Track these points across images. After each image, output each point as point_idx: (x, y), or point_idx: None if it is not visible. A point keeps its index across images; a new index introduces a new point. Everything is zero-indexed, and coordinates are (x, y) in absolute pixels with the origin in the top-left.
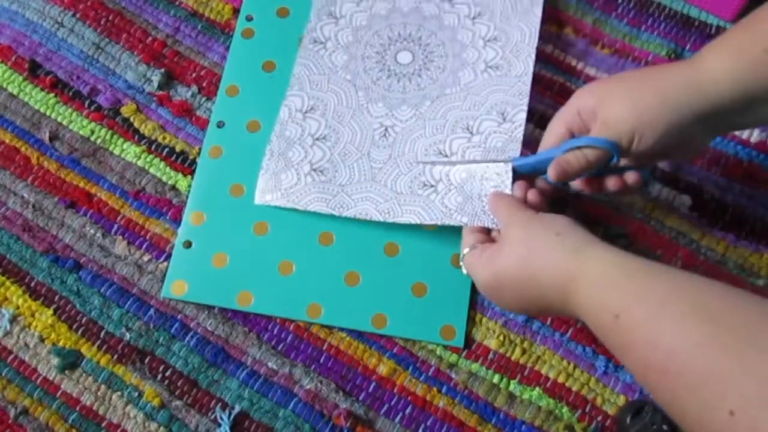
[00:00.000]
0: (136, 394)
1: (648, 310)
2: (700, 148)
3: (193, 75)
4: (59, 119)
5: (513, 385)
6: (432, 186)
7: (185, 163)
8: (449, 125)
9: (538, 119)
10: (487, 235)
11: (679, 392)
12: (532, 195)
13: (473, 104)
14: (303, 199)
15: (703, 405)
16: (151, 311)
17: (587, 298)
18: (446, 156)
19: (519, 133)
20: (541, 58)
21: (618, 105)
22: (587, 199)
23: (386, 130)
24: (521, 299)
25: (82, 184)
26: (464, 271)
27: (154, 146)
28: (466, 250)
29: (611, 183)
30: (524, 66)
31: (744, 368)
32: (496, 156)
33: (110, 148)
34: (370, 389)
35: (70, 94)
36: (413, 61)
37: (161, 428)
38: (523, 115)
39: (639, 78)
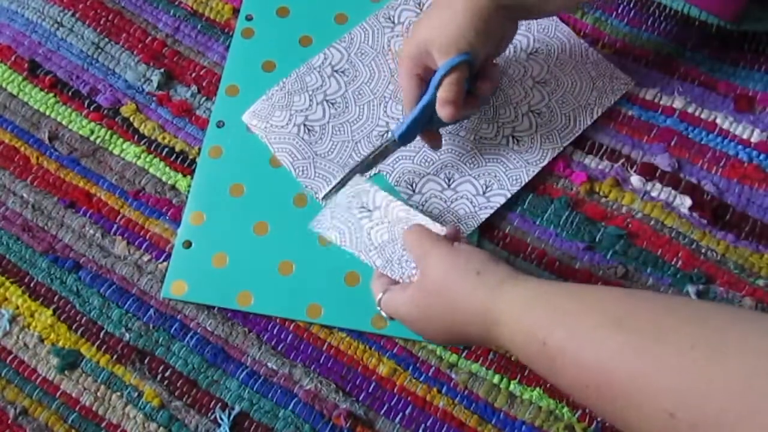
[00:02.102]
0: (136, 394)
1: (566, 330)
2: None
3: (193, 75)
4: (59, 119)
5: (513, 386)
6: (368, 211)
7: (185, 163)
8: (437, 165)
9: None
10: (394, 282)
11: (618, 405)
12: (449, 229)
13: (471, 160)
14: (278, 144)
15: (641, 411)
16: (151, 311)
17: (511, 330)
18: (412, 191)
19: (484, 215)
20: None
21: (437, 30)
22: (587, 202)
23: (387, 132)
24: (444, 330)
25: (81, 184)
26: (384, 313)
27: (153, 146)
28: (380, 295)
29: (483, 89)
30: (542, 153)
31: (662, 368)
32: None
33: (110, 148)
34: (370, 389)
35: (70, 93)
36: None
37: (161, 429)
38: (501, 200)
39: (445, 6)
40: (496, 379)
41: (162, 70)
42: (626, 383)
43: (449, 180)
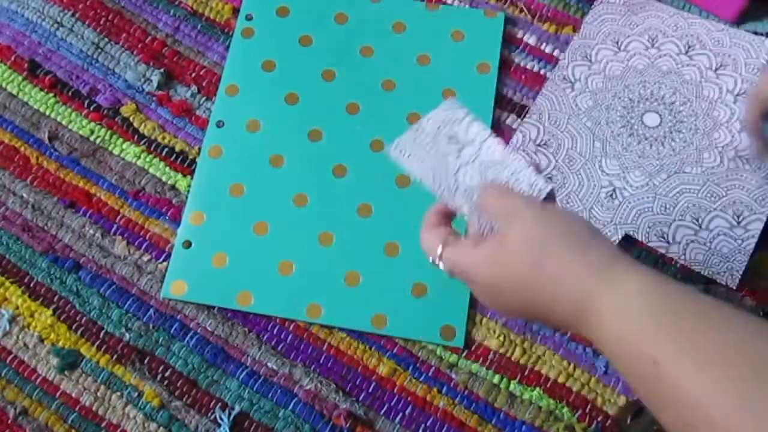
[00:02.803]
0: (136, 394)
1: (693, 364)
2: None
3: (193, 75)
4: (59, 119)
5: (513, 386)
6: (458, 144)
7: (185, 163)
8: (679, 209)
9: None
10: (451, 229)
11: None
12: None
13: (710, 194)
14: None
15: None
16: (151, 311)
17: (614, 332)
18: (667, 242)
19: (749, 245)
20: (540, 58)
21: None
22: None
23: (614, 191)
24: (526, 306)
25: (81, 184)
26: (443, 267)
27: (153, 146)
28: (440, 248)
29: None
30: None
31: None
32: None
33: (110, 148)
34: (370, 389)
35: (70, 93)
36: (660, 125)
37: (161, 429)
38: (760, 226)
39: None
40: (496, 379)
41: (162, 70)
42: None
43: (698, 221)
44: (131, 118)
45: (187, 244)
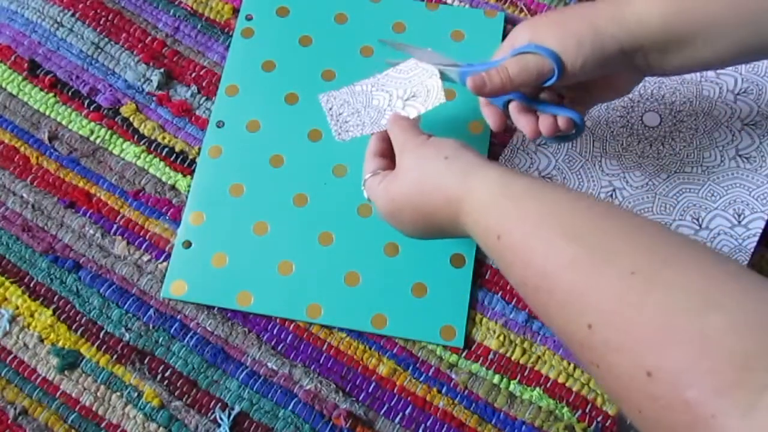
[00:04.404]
0: (136, 394)
1: (524, 231)
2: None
3: (193, 75)
4: (59, 119)
5: (513, 386)
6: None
7: (185, 163)
8: (679, 209)
9: None
10: (389, 161)
11: (551, 308)
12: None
13: (710, 193)
14: None
15: (568, 319)
16: (151, 311)
17: (473, 219)
18: None
19: (750, 244)
20: None
21: (548, 29)
22: None
23: (614, 191)
24: (417, 222)
25: (81, 184)
26: (366, 195)
27: (153, 146)
28: (368, 175)
29: (544, 126)
30: None
31: (599, 286)
32: None
33: (110, 148)
34: (370, 389)
35: (70, 93)
36: (659, 125)
37: (161, 429)
38: (761, 224)
39: (569, 10)
40: (496, 379)
41: (162, 70)
42: (563, 294)
43: (698, 220)
44: (131, 118)
45: (187, 244)
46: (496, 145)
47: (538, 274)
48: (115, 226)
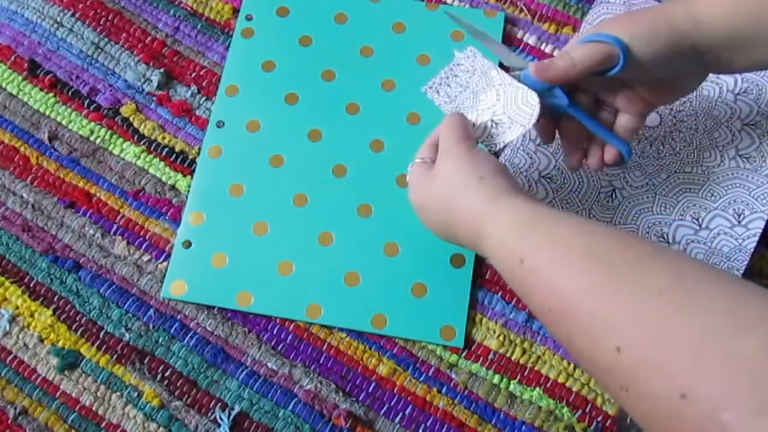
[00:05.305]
0: (136, 394)
1: (547, 255)
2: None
3: (193, 75)
4: (58, 119)
5: (513, 386)
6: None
7: (185, 163)
8: (679, 209)
9: None
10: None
11: (575, 332)
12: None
13: (710, 193)
14: None
15: (594, 343)
16: (151, 311)
17: (494, 243)
18: (667, 242)
19: (750, 244)
20: (540, 58)
21: (622, 23)
22: None
23: (614, 191)
24: (440, 226)
25: (81, 184)
26: (407, 177)
27: (153, 146)
28: (417, 160)
29: (592, 161)
30: None
31: (627, 308)
32: None
33: (110, 148)
34: (370, 389)
35: (70, 93)
36: (659, 125)
37: (161, 429)
38: (761, 224)
39: (646, 9)
40: (496, 379)
41: (162, 70)
42: (588, 318)
43: (698, 220)
44: (131, 118)
45: (187, 244)
46: None
47: (562, 297)
48: (115, 226)
